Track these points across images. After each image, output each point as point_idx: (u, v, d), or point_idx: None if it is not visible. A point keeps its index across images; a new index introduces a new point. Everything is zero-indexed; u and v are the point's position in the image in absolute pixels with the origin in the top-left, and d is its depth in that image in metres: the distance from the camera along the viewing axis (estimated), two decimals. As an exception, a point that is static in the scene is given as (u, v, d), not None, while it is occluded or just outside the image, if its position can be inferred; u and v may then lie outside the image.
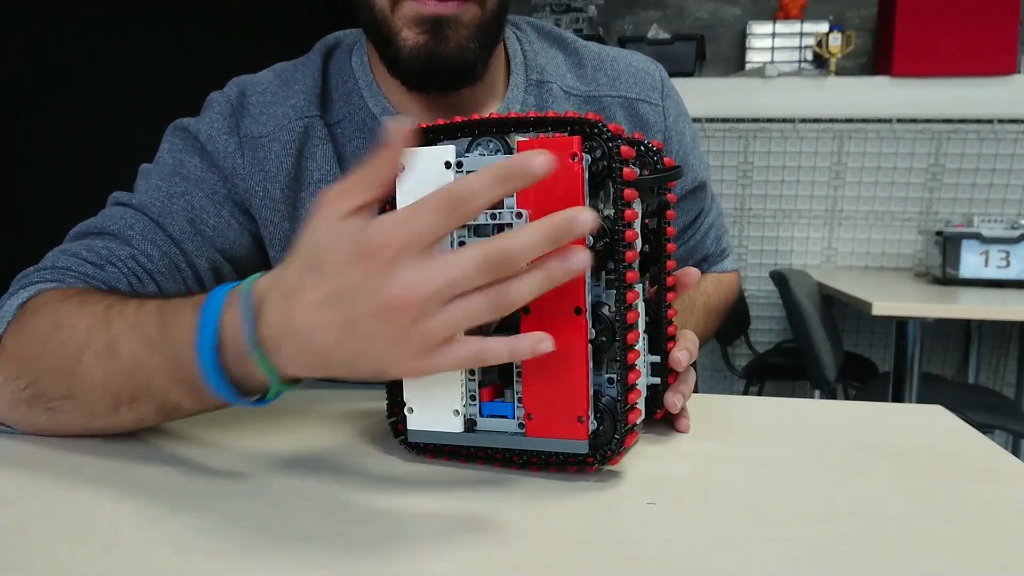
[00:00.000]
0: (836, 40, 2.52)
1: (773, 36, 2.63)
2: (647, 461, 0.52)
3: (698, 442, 0.56)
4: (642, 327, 0.53)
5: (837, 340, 2.06)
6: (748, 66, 2.65)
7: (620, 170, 0.45)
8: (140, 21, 1.63)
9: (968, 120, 2.48)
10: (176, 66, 1.66)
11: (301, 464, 0.51)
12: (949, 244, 2.06)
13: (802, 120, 2.56)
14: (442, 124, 0.50)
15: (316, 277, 0.40)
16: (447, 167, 0.47)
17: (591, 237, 0.45)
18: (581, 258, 0.38)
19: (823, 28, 2.57)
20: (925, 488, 0.48)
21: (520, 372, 0.47)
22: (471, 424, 0.48)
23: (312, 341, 0.40)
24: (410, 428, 0.50)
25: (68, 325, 0.52)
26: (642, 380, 0.52)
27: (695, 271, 0.59)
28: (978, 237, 2.02)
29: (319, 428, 0.58)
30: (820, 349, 1.81)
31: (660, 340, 0.55)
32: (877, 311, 1.69)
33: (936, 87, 2.45)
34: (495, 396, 0.49)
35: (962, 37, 2.39)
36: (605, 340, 0.46)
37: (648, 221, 0.55)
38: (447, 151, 0.47)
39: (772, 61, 2.62)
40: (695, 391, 0.61)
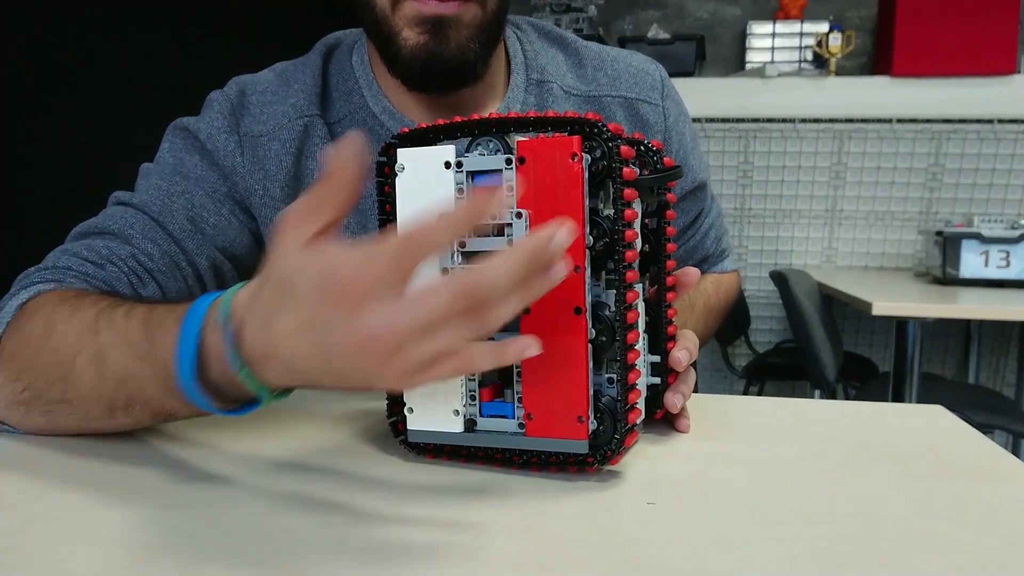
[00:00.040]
0: (836, 40, 2.52)
1: (773, 36, 2.63)
2: (647, 461, 0.52)
3: (698, 442, 0.56)
4: (642, 327, 0.53)
5: (837, 340, 2.06)
6: (748, 66, 2.65)
7: (620, 170, 0.45)
8: (140, 21, 1.63)
9: (968, 120, 2.48)
10: (176, 66, 1.65)
11: (301, 464, 0.51)
12: (949, 244, 2.06)
13: (802, 120, 2.56)
14: (442, 124, 0.50)
15: (289, 306, 0.38)
16: (447, 167, 0.47)
17: (591, 237, 0.45)
18: (560, 269, 0.37)
19: (823, 28, 2.57)
20: (925, 488, 0.48)
21: (520, 372, 0.47)
22: (471, 424, 0.48)
23: (296, 364, 0.40)
24: (410, 428, 0.50)
25: (60, 331, 0.52)
26: (642, 380, 0.52)
27: (695, 271, 0.59)
28: (978, 237, 2.02)
29: (319, 428, 0.58)
30: (820, 349, 1.81)
31: (660, 340, 0.55)
32: (877, 311, 1.69)
33: (936, 87, 2.45)
34: (495, 396, 0.49)
35: (962, 37, 2.39)
36: (605, 340, 0.46)
37: (648, 221, 0.55)
38: (447, 151, 0.47)
39: (772, 61, 2.62)
40: (695, 391, 0.61)
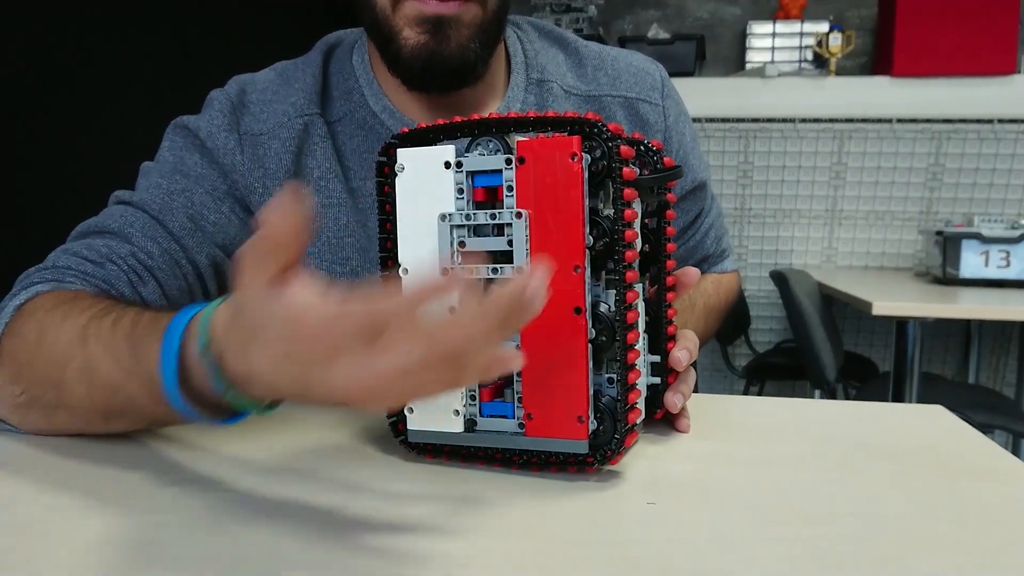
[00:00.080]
0: (836, 40, 2.52)
1: (773, 36, 2.63)
2: (647, 461, 0.52)
3: (698, 442, 0.56)
4: (642, 327, 0.53)
5: (837, 340, 2.06)
6: (748, 66, 2.65)
7: (620, 170, 0.45)
8: (140, 21, 1.63)
9: (968, 120, 2.48)
10: (176, 66, 1.66)
11: (301, 464, 0.51)
12: (949, 244, 2.06)
13: (802, 120, 2.56)
14: (442, 124, 0.50)
15: (262, 343, 0.37)
16: (447, 167, 0.47)
17: (591, 237, 0.45)
18: (536, 307, 0.34)
19: (823, 28, 2.57)
20: (925, 488, 0.48)
21: (520, 372, 0.47)
22: (471, 424, 0.48)
23: (277, 389, 0.39)
24: (410, 428, 0.50)
25: (50, 339, 0.52)
26: (642, 380, 0.52)
27: (695, 271, 0.59)
28: (978, 237, 2.02)
29: (319, 428, 0.58)
30: (820, 349, 1.81)
31: (660, 340, 0.55)
32: (877, 311, 1.69)
33: (936, 87, 2.45)
34: (495, 396, 0.49)
35: (962, 37, 2.39)
36: (605, 340, 0.46)
37: (648, 221, 0.55)
38: (447, 151, 0.47)
39: (772, 61, 2.61)
40: (695, 391, 0.61)
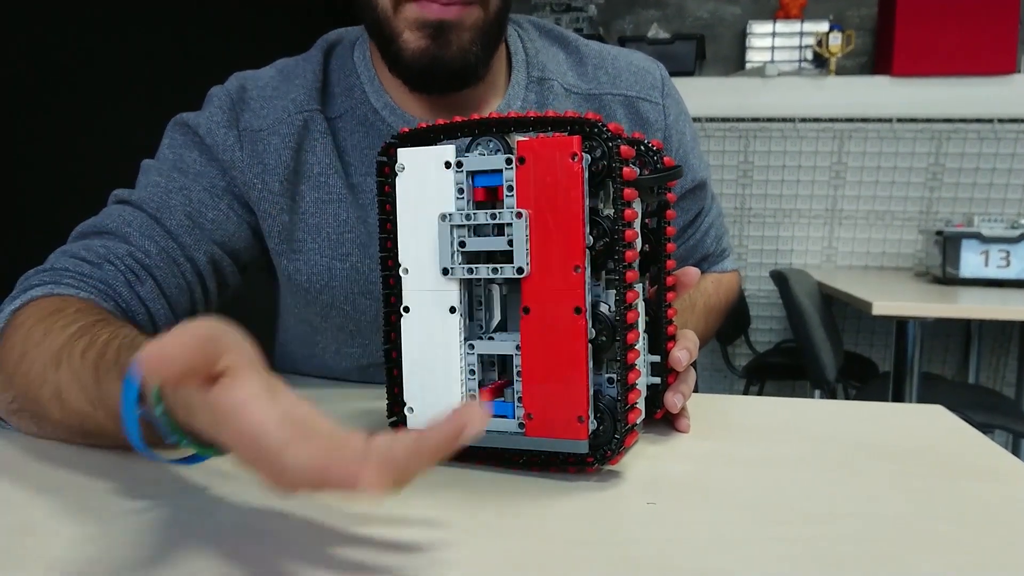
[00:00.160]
0: (836, 40, 2.52)
1: (773, 36, 2.63)
2: (647, 461, 0.52)
3: (698, 442, 0.56)
4: (642, 327, 0.53)
5: (837, 340, 2.06)
6: (748, 65, 2.65)
7: (620, 170, 0.45)
8: (140, 21, 1.63)
9: (968, 120, 2.47)
10: (176, 66, 1.66)
11: (301, 464, 0.51)
12: (949, 244, 2.06)
13: (802, 120, 2.56)
14: (442, 124, 0.50)
15: (199, 419, 0.36)
16: (447, 167, 0.47)
17: (591, 237, 0.45)
18: (477, 428, 0.33)
19: (823, 27, 2.57)
20: (925, 488, 0.48)
21: (520, 372, 0.47)
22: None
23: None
24: (410, 428, 0.50)
25: (30, 358, 0.53)
26: (642, 380, 0.52)
27: (695, 271, 0.59)
28: (978, 237, 2.02)
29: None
30: (820, 349, 1.81)
31: (660, 340, 0.55)
32: (877, 311, 1.69)
33: (936, 87, 2.45)
34: (495, 396, 0.49)
35: (962, 37, 2.39)
36: (605, 340, 0.46)
37: (648, 221, 0.55)
38: (447, 151, 0.47)
39: (772, 61, 2.61)
40: (695, 391, 0.61)
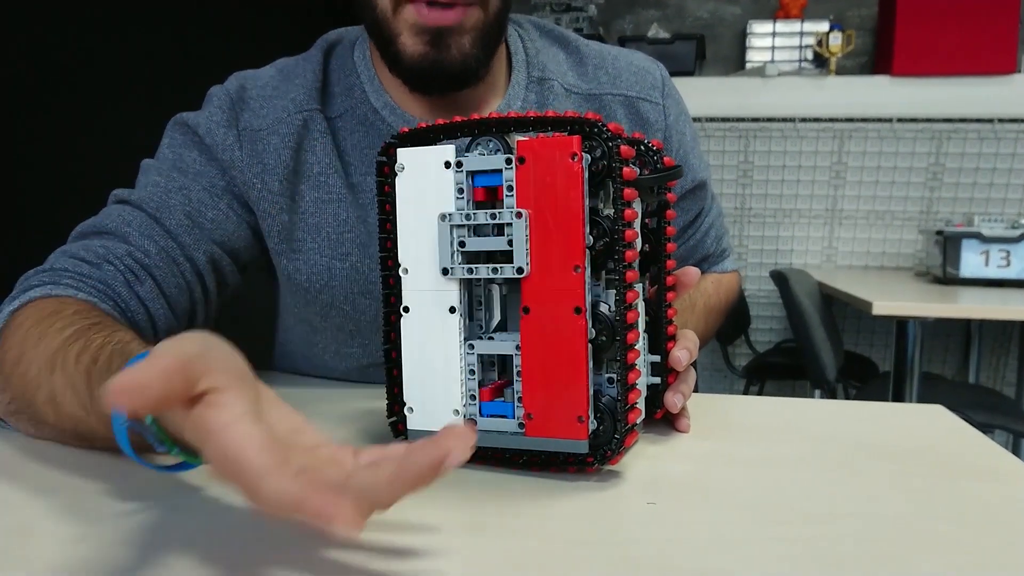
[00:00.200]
0: (836, 39, 2.52)
1: (773, 35, 2.63)
2: (647, 461, 0.52)
3: (698, 442, 0.56)
4: (642, 327, 0.53)
5: (837, 340, 2.06)
6: (748, 65, 2.65)
7: (620, 169, 0.45)
8: (140, 21, 1.63)
9: (968, 120, 2.47)
10: (176, 66, 1.66)
11: (301, 464, 0.51)
12: (949, 244, 2.06)
13: (802, 119, 2.56)
14: (442, 124, 0.50)
15: (188, 433, 0.36)
16: (447, 167, 0.47)
17: (591, 237, 0.45)
18: (461, 456, 0.32)
19: (823, 27, 2.57)
20: (925, 488, 0.48)
21: (520, 372, 0.47)
22: (471, 424, 0.48)
23: None
24: (410, 428, 0.50)
25: (26, 360, 0.53)
26: (642, 380, 0.52)
27: (695, 270, 0.59)
28: (978, 237, 2.02)
29: (319, 428, 0.58)
30: (820, 349, 1.81)
31: (660, 340, 0.55)
32: (877, 311, 1.69)
33: (936, 87, 2.45)
34: (495, 396, 0.49)
35: (962, 37, 2.39)
36: (605, 340, 0.46)
37: (648, 221, 0.55)
38: (447, 151, 0.47)
39: (772, 60, 2.61)
40: (695, 391, 0.61)
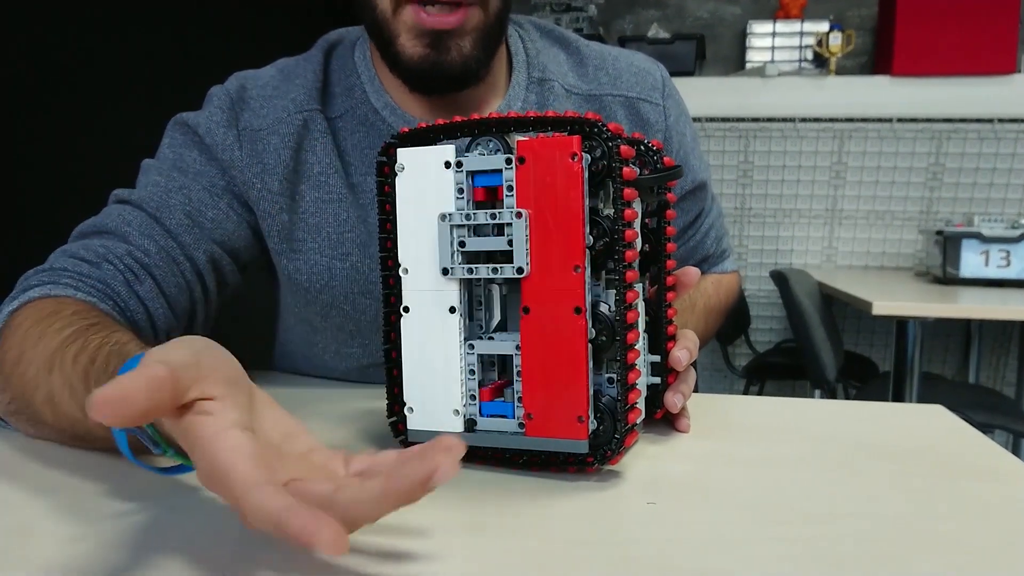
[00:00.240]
0: (836, 39, 2.52)
1: (773, 35, 2.63)
2: (647, 461, 0.52)
3: (698, 442, 0.56)
4: (642, 327, 0.53)
5: (837, 340, 2.06)
6: (748, 65, 2.65)
7: (620, 169, 0.45)
8: (140, 21, 1.63)
9: (968, 120, 2.47)
10: (176, 66, 1.66)
11: (301, 464, 0.51)
12: (949, 244, 2.06)
13: (802, 119, 2.56)
14: (442, 124, 0.50)
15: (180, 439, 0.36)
16: (447, 167, 0.47)
17: (591, 237, 0.45)
18: (449, 472, 0.33)
19: (823, 27, 2.57)
20: (925, 488, 0.48)
21: (520, 372, 0.47)
22: (471, 424, 0.48)
23: None
24: (410, 428, 0.50)
25: (26, 360, 0.53)
26: (642, 380, 0.52)
27: (695, 270, 0.59)
28: (978, 237, 2.02)
29: (319, 428, 0.58)
30: (820, 349, 1.81)
31: (660, 340, 0.55)
32: (877, 311, 1.69)
33: (936, 87, 2.45)
34: (495, 396, 0.49)
35: (962, 37, 2.39)
36: (605, 340, 0.46)
37: (648, 221, 0.55)
38: (447, 151, 0.47)
39: (772, 60, 2.61)
40: (695, 391, 0.61)
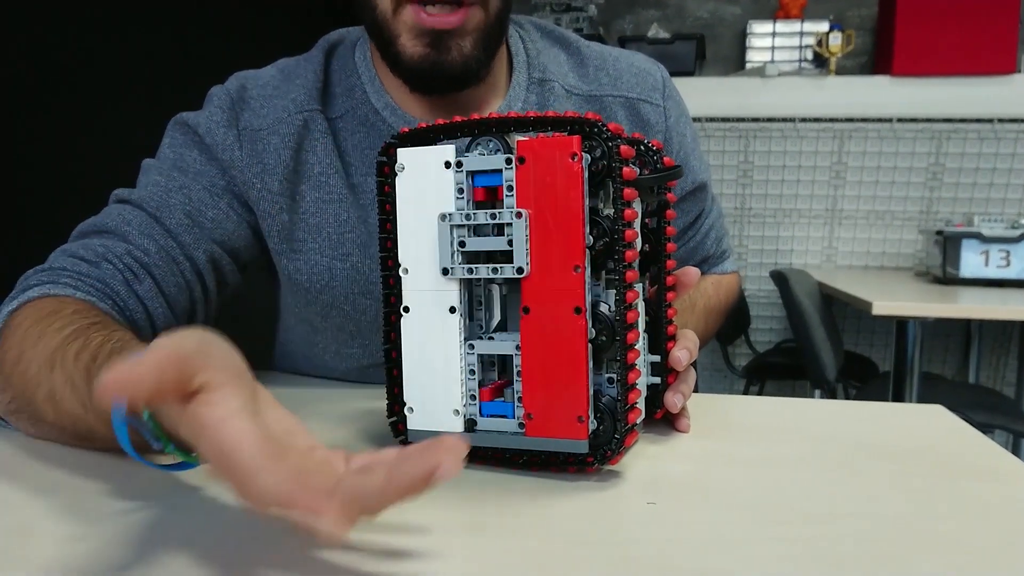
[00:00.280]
0: (836, 39, 2.52)
1: (773, 35, 2.63)
2: (647, 461, 0.52)
3: (698, 442, 0.56)
4: (642, 326, 0.53)
5: (837, 340, 2.06)
6: (748, 65, 2.65)
7: (620, 169, 0.45)
8: (140, 21, 1.63)
9: (968, 120, 2.47)
10: (176, 66, 1.66)
11: (301, 464, 0.51)
12: (949, 244, 2.06)
13: (802, 119, 2.56)
14: (442, 124, 0.50)
15: (184, 428, 0.36)
16: (447, 167, 0.47)
17: (591, 237, 0.45)
18: (452, 469, 0.32)
19: (823, 27, 2.57)
20: (925, 488, 0.48)
21: (520, 371, 0.47)
22: (471, 424, 0.48)
23: None
24: (410, 428, 0.50)
25: (26, 359, 0.53)
26: (642, 380, 0.52)
27: (695, 270, 0.59)
28: (978, 236, 2.02)
29: (319, 428, 0.58)
30: (820, 349, 1.81)
31: (660, 340, 0.55)
32: (877, 311, 1.69)
33: (936, 87, 2.45)
34: (495, 396, 0.49)
35: (962, 37, 2.39)
36: (605, 340, 0.46)
37: (648, 221, 0.55)
38: (447, 151, 0.47)
39: (772, 60, 2.61)
40: (695, 391, 0.61)
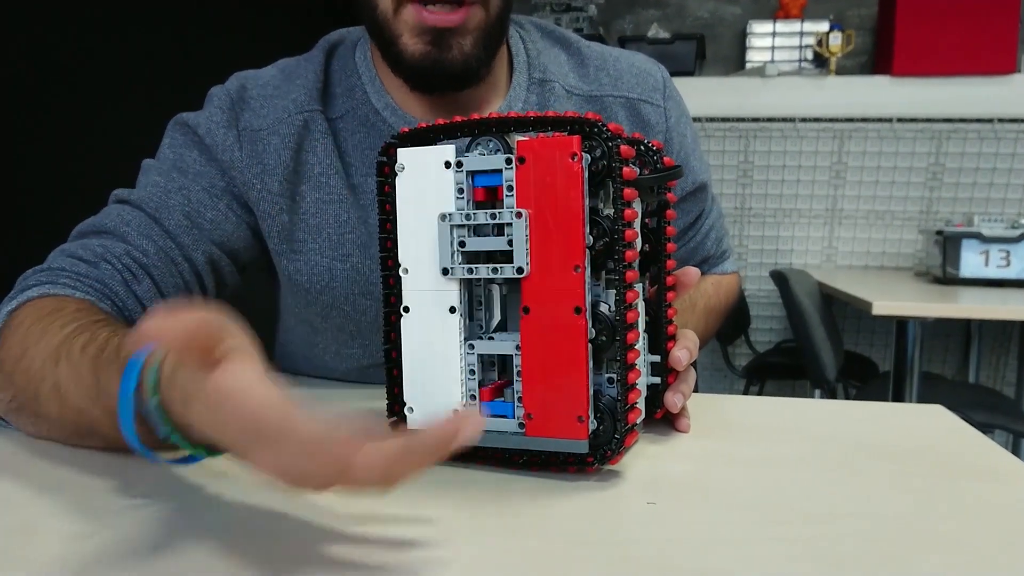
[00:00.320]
0: (836, 39, 2.52)
1: (773, 35, 2.63)
2: (647, 461, 0.52)
3: (698, 442, 0.56)
4: (642, 326, 0.53)
5: (837, 339, 2.06)
6: (748, 65, 2.65)
7: (620, 169, 0.45)
8: (140, 21, 1.63)
9: (968, 120, 2.47)
10: (176, 66, 1.65)
11: (301, 464, 0.51)
12: (949, 243, 2.06)
13: (802, 119, 2.56)
14: (442, 124, 0.50)
15: (198, 408, 0.37)
16: (447, 167, 0.47)
17: (591, 237, 0.45)
18: (472, 435, 0.33)
19: (823, 27, 2.57)
20: (925, 488, 0.48)
21: (520, 371, 0.47)
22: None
23: (217, 444, 0.38)
24: (410, 428, 0.50)
25: (29, 355, 0.53)
26: (642, 380, 0.52)
27: (695, 270, 0.59)
28: (978, 236, 2.02)
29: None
30: (820, 348, 1.81)
31: (660, 339, 0.55)
32: (877, 311, 1.69)
33: (936, 86, 2.45)
34: (495, 396, 0.49)
35: (962, 37, 2.39)
36: (605, 340, 0.46)
37: (648, 221, 0.55)
38: (447, 151, 0.47)
39: (772, 60, 2.61)
40: (695, 391, 0.61)
